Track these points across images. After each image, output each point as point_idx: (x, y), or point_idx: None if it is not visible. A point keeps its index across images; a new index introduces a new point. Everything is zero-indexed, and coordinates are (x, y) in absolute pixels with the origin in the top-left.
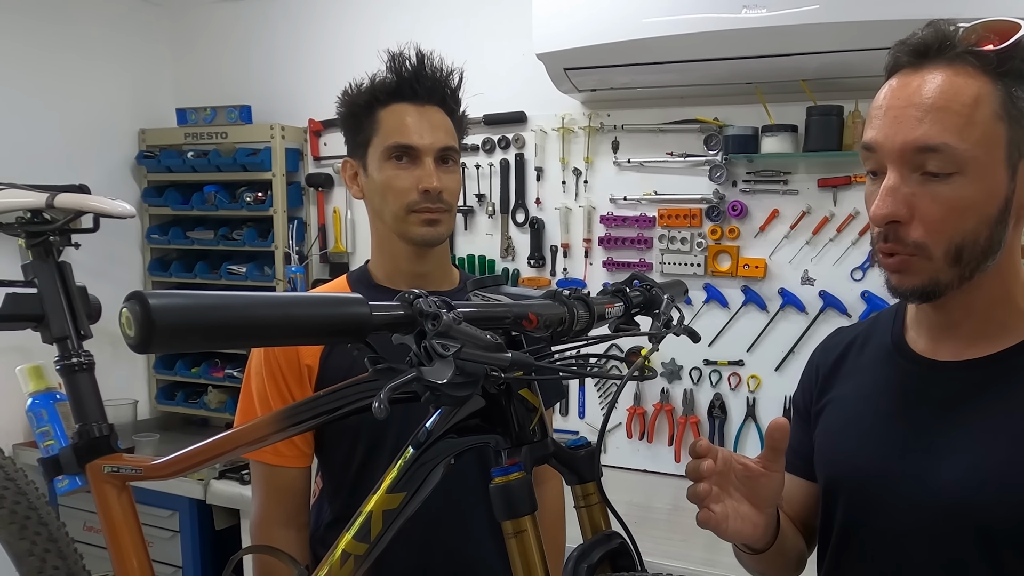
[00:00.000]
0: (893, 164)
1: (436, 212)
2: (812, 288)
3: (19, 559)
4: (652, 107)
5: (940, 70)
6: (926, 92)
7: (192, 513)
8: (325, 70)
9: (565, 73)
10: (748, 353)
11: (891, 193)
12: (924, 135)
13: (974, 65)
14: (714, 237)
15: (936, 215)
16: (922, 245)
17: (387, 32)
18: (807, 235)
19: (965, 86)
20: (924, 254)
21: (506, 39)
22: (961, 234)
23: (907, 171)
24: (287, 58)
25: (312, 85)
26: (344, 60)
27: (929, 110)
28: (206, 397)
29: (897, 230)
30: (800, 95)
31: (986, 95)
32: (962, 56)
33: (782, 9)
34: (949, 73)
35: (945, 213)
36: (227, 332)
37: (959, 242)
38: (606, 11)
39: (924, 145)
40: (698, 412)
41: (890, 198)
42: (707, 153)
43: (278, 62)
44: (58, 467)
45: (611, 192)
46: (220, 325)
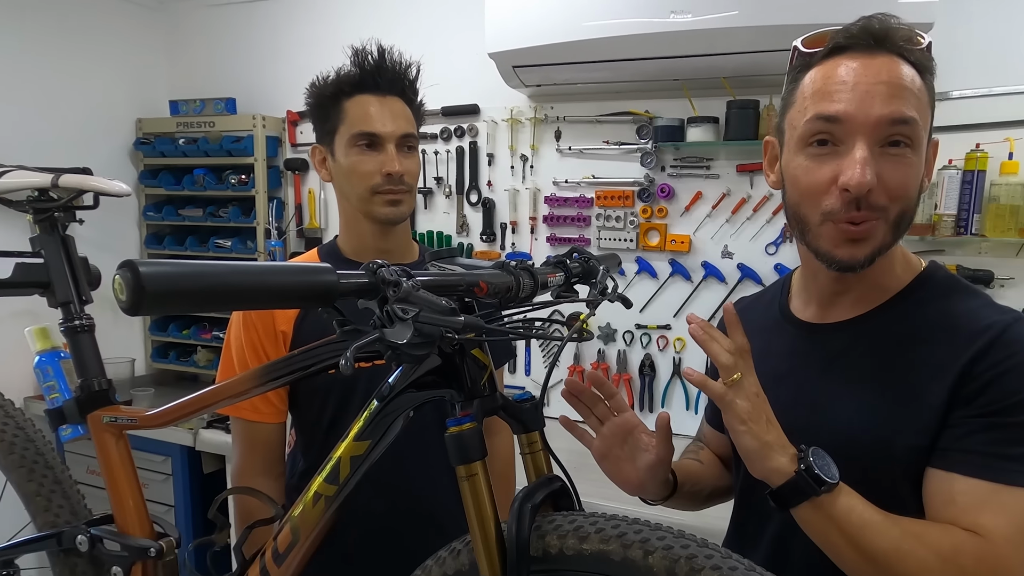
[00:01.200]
0: (865, 135)
1: (398, 193)
2: (731, 261)
3: (28, 499)
4: (590, 100)
5: (892, 57)
6: (892, 73)
7: (183, 459)
8: (301, 67)
9: (514, 70)
10: (674, 318)
11: (867, 163)
12: (899, 109)
13: (908, 59)
14: (645, 216)
15: (896, 182)
16: (884, 208)
17: (355, 33)
18: (727, 214)
19: (913, 74)
20: (884, 217)
21: (462, 40)
22: (907, 201)
23: (873, 143)
24: (267, 56)
25: (289, 80)
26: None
27: (899, 88)
28: (195, 356)
29: (868, 197)
30: (721, 90)
31: (922, 87)
32: (902, 49)
33: (705, 14)
34: (900, 61)
35: (902, 181)
36: (210, 296)
37: (904, 208)
38: (550, 15)
39: (900, 117)
40: (630, 370)
41: (868, 167)
42: (639, 142)
43: (260, 60)
44: (62, 417)
45: (554, 176)
46: (203, 290)
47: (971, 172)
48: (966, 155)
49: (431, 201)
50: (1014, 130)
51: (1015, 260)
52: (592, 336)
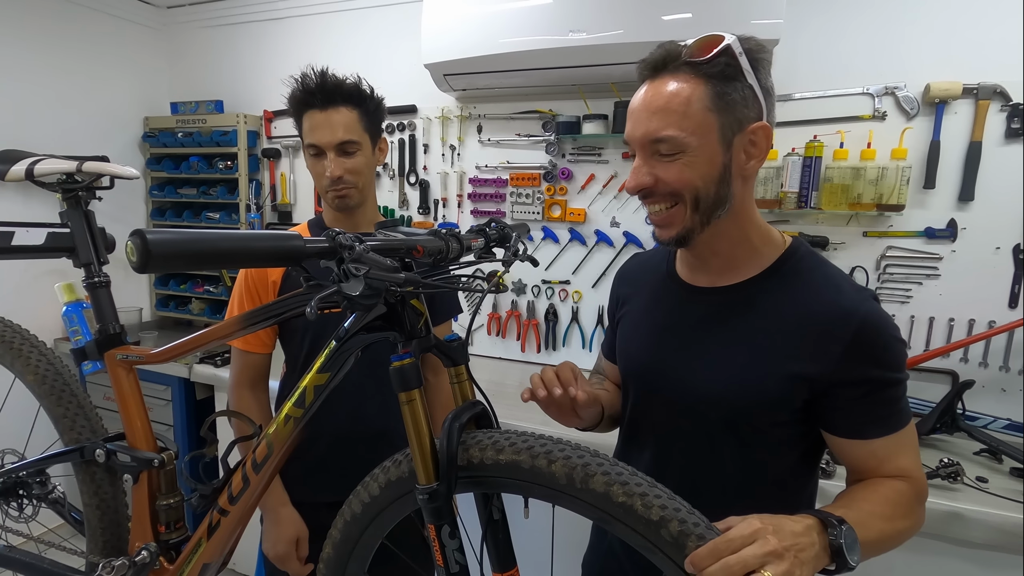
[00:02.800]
0: (639, 151)
1: (342, 191)
2: (618, 229)
3: (56, 420)
4: (506, 101)
5: (668, 79)
6: (655, 97)
7: (180, 388)
8: (274, 75)
9: (444, 77)
10: (573, 275)
11: (636, 171)
12: (653, 129)
13: (690, 73)
14: (549, 194)
15: (672, 179)
16: (674, 196)
17: (318, 48)
18: (614, 192)
19: (682, 90)
20: (675, 199)
21: (403, 53)
22: (695, 190)
23: (648, 154)
24: (248, 67)
25: (265, 85)
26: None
27: (656, 111)
28: (191, 305)
29: (647, 192)
30: (610, 93)
31: (698, 95)
32: (682, 67)
33: (597, 32)
34: (673, 81)
35: (676, 179)
36: (203, 258)
37: (695, 194)
38: (473, 33)
39: (653, 137)
40: (537, 317)
41: (636, 175)
42: (544, 134)
43: (242, 70)
44: (84, 355)
45: (476, 162)
46: (198, 253)
47: (810, 158)
48: (806, 144)
49: (379, 182)
50: (844, 124)
51: (846, 228)
52: (507, 289)
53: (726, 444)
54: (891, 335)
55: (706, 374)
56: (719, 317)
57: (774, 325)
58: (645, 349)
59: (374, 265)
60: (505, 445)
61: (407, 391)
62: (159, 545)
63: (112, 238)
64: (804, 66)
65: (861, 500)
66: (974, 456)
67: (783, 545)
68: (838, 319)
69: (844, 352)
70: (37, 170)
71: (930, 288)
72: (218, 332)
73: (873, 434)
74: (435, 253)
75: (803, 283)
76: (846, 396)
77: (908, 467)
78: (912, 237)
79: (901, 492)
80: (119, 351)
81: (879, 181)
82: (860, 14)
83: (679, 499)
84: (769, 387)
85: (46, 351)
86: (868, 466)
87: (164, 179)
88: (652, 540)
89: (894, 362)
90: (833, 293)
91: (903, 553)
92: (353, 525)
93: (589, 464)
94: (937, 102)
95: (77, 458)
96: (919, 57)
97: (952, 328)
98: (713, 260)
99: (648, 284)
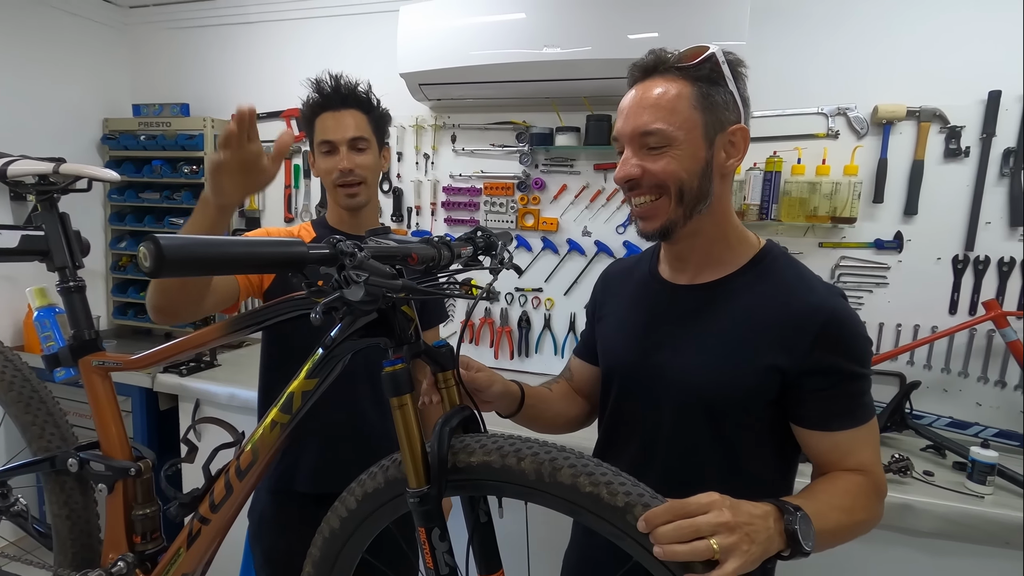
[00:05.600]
0: (629, 144)
1: (352, 186)
2: (590, 239)
3: (24, 428)
4: (480, 112)
5: (657, 80)
6: (646, 95)
7: (141, 398)
8: (243, 79)
9: (419, 87)
10: (546, 283)
11: (625, 162)
12: (644, 123)
13: (678, 75)
14: (522, 203)
15: (659, 170)
16: (659, 187)
17: (290, 54)
18: (586, 202)
19: (671, 89)
20: (660, 191)
21: (380, 62)
22: (680, 181)
23: (637, 147)
24: (216, 70)
25: (234, 89)
26: (256, 73)
27: (647, 107)
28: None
29: (634, 184)
30: (582, 106)
31: (685, 94)
32: (671, 70)
33: (570, 48)
34: (663, 82)
35: (663, 170)
36: (215, 262)
37: (680, 186)
38: (447, 44)
39: (644, 130)
40: (510, 324)
41: (624, 166)
42: (518, 145)
43: (210, 73)
44: (57, 361)
45: (450, 171)
46: (209, 258)
47: (770, 172)
48: (767, 160)
49: None
50: (801, 141)
51: (803, 239)
52: (498, 296)
53: (706, 439)
54: (857, 330)
55: (685, 367)
56: (698, 312)
57: (750, 319)
58: (627, 347)
59: (374, 272)
60: (476, 447)
61: (399, 396)
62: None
63: (87, 242)
64: (765, 86)
65: (820, 492)
66: (921, 452)
67: (737, 520)
68: (809, 313)
69: (812, 344)
70: (11, 171)
71: (879, 295)
72: (200, 338)
73: (837, 426)
74: (428, 260)
75: (777, 280)
76: (812, 386)
77: (868, 462)
78: (863, 248)
79: (860, 486)
80: (95, 357)
81: (833, 195)
82: (817, 39)
83: (643, 486)
84: (746, 378)
85: (12, 356)
86: (831, 459)
87: (124, 183)
88: (619, 526)
89: (858, 356)
90: (805, 290)
91: (858, 543)
92: (333, 541)
93: (556, 458)
94: (884, 123)
95: (47, 468)
96: (869, 81)
97: (900, 333)
98: (693, 257)
99: (630, 285)
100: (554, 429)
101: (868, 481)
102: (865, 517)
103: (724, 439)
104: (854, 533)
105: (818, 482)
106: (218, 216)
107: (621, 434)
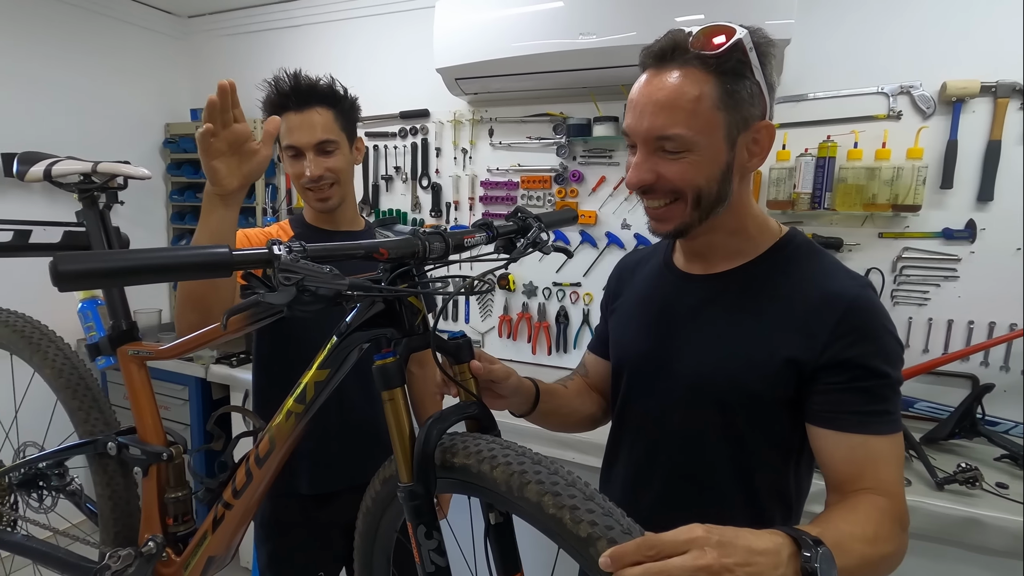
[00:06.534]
0: (641, 145)
1: (322, 191)
2: (629, 231)
3: (72, 413)
4: (517, 104)
5: (674, 71)
6: (662, 91)
7: (197, 387)
8: None
9: (456, 82)
10: (584, 277)
11: (638, 168)
12: (660, 126)
13: (699, 67)
14: (560, 196)
15: (675, 178)
16: (675, 192)
17: (334, 55)
18: (625, 194)
19: (691, 86)
20: (675, 196)
21: (416, 59)
22: (696, 188)
23: (652, 150)
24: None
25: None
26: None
27: (664, 106)
28: None
29: (647, 188)
30: (620, 95)
31: (707, 92)
32: (690, 60)
33: (606, 35)
34: (680, 74)
35: (680, 177)
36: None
37: (696, 193)
38: (482, 38)
39: (660, 135)
40: (548, 319)
41: (637, 171)
42: (555, 137)
43: (260, 76)
44: (98, 350)
45: (487, 165)
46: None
47: (823, 158)
48: (819, 145)
49: (392, 186)
50: (858, 124)
51: (860, 229)
52: (492, 290)
53: (716, 436)
54: (881, 324)
55: (695, 359)
56: (710, 302)
57: (766, 308)
58: (637, 338)
59: (309, 273)
60: (460, 448)
61: (389, 389)
62: (167, 537)
63: (126, 237)
64: (817, 66)
65: (840, 520)
66: (994, 462)
67: (724, 562)
68: (827, 302)
69: (829, 334)
70: (55, 171)
71: (948, 290)
72: (211, 335)
73: (851, 427)
74: (406, 255)
75: (796, 269)
76: (828, 381)
77: (889, 482)
78: (929, 238)
79: (884, 512)
80: (131, 347)
81: (894, 181)
82: (874, 12)
83: (617, 514)
84: (758, 370)
85: (63, 346)
86: (844, 471)
87: (184, 184)
88: (583, 558)
89: (881, 353)
90: (824, 278)
91: (918, 559)
92: (368, 517)
93: (526, 471)
94: (954, 101)
95: (91, 450)
96: (935, 55)
97: (972, 331)
98: (709, 253)
99: (643, 275)
100: (570, 427)
101: (891, 506)
102: (891, 550)
103: (735, 438)
104: (879, 569)
105: (835, 508)
106: (224, 209)
107: (629, 430)
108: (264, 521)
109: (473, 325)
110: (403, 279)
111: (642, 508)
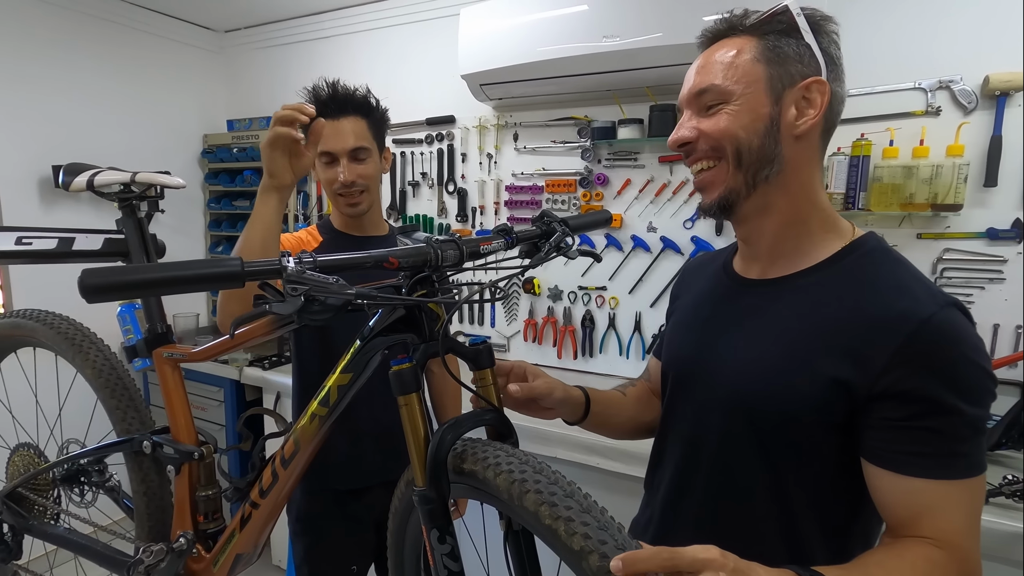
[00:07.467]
0: (686, 108)
1: (353, 196)
2: (655, 235)
3: (110, 412)
4: (541, 109)
5: (725, 43)
6: (707, 58)
7: (231, 389)
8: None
9: (481, 87)
10: (610, 281)
11: (681, 125)
12: (697, 83)
13: (742, 33)
14: (585, 199)
15: (712, 129)
16: (716, 148)
17: (362, 64)
18: (651, 196)
19: (731, 45)
20: (718, 155)
21: (441, 66)
22: (736, 141)
23: (693, 111)
24: (298, 85)
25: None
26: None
27: (703, 68)
28: None
29: (690, 149)
30: (644, 97)
31: (746, 47)
32: (735, 30)
33: (630, 38)
34: (728, 43)
35: (717, 127)
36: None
37: (737, 146)
38: (506, 43)
39: (697, 90)
40: (574, 323)
41: (680, 129)
42: (579, 140)
43: (292, 87)
44: (135, 352)
45: (513, 169)
46: (134, 283)
47: (857, 157)
48: (852, 143)
49: (418, 191)
50: (894, 121)
51: (898, 230)
52: (504, 296)
53: (751, 459)
54: (960, 351)
55: (736, 370)
56: (760, 310)
57: (815, 319)
58: (685, 343)
59: (315, 284)
60: (469, 455)
61: (405, 395)
62: (198, 534)
63: (163, 244)
64: (849, 61)
65: (876, 566)
66: None
67: None
68: (892, 321)
69: (889, 359)
70: (97, 181)
71: (994, 293)
72: (251, 333)
73: (913, 470)
74: (418, 263)
75: (863, 280)
76: (885, 414)
77: (954, 532)
78: (972, 239)
79: (936, 566)
80: (165, 349)
81: (933, 180)
82: (909, 5)
83: (613, 529)
84: (800, 389)
85: (103, 347)
86: (901, 515)
87: (220, 192)
88: (578, 571)
89: (962, 385)
90: (896, 292)
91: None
92: (397, 516)
93: (527, 480)
94: (998, 95)
95: (127, 448)
96: (976, 48)
97: (1020, 335)
98: (763, 242)
99: (703, 279)
100: (627, 435)
101: (948, 561)
102: None
103: (772, 463)
104: None
105: (879, 551)
106: (278, 200)
107: (669, 442)
108: (300, 516)
109: (499, 329)
110: (422, 285)
111: (683, 510)
